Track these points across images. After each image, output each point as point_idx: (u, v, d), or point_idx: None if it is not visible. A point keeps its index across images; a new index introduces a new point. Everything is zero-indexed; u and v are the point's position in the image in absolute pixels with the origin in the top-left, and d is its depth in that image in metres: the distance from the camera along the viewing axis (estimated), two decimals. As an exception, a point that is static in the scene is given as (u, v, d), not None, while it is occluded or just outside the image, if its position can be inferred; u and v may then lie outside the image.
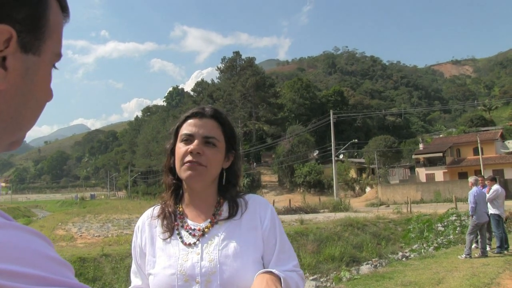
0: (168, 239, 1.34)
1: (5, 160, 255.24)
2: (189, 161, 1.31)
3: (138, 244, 1.41)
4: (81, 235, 18.33)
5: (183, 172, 1.33)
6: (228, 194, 1.41)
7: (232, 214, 1.37)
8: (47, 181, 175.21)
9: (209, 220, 1.36)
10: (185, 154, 1.32)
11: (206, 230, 1.34)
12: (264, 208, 1.41)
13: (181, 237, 1.34)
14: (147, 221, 1.42)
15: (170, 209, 1.39)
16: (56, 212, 45.17)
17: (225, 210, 1.38)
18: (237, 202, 1.40)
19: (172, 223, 1.36)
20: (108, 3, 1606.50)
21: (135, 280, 1.42)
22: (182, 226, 1.36)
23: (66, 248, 14.11)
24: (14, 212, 52.45)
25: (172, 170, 1.41)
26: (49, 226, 22.88)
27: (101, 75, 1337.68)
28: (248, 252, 1.31)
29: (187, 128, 1.37)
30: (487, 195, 9.80)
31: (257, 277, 1.22)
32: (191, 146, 1.32)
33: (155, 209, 1.44)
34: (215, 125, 1.38)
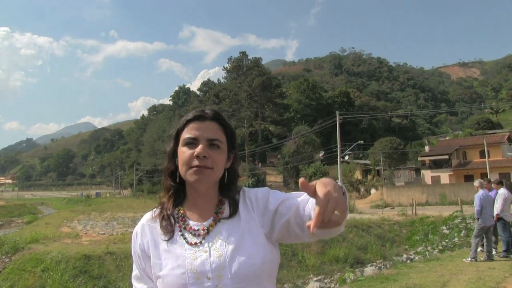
0: (172, 241, 1.35)
1: (12, 157, 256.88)
2: (196, 165, 1.32)
3: (140, 248, 1.40)
4: (86, 233, 18.46)
5: (190, 176, 1.33)
6: (230, 193, 1.42)
7: (233, 213, 1.38)
8: (53, 179, 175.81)
9: (212, 218, 1.37)
10: (190, 158, 1.33)
11: (210, 228, 1.35)
12: (254, 197, 1.41)
13: (185, 238, 1.34)
14: (147, 225, 1.42)
15: (169, 212, 1.39)
16: (61, 210, 45.49)
17: (226, 208, 1.40)
18: (236, 200, 1.41)
19: (171, 225, 1.37)
20: (118, 4, 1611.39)
21: (138, 285, 1.42)
22: (185, 228, 1.37)
23: (71, 246, 14.19)
24: (21, 209, 52.80)
25: (173, 174, 1.42)
26: (54, 223, 23.03)
27: (110, 74, 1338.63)
28: (253, 242, 1.32)
29: (190, 131, 1.36)
30: (496, 204, 9.69)
31: (322, 179, 1.08)
32: (197, 150, 1.32)
33: (155, 212, 1.44)
34: (217, 127, 1.39)
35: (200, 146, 1.33)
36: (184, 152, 1.35)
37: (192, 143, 1.35)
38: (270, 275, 1.34)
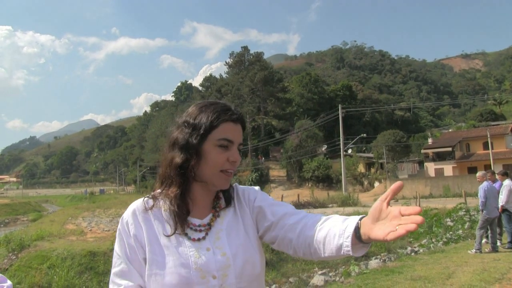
0: (173, 237, 1.29)
1: (16, 155, 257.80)
2: (228, 169, 1.32)
3: (134, 240, 1.30)
4: (91, 230, 18.55)
5: (218, 179, 1.32)
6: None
7: (227, 203, 1.40)
8: (57, 176, 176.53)
9: (211, 213, 1.36)
10: (224, 162, 1.30)
11: (212, 223, 1.34)
12: (247, 194, 1.43)
13: (186, 234, 1.29)
14: (141, 215, 1.33)
15: (175, 206, 1.31)
16: (66, 207, 45.61)
17: (223, 201, 1.41)
18: (230, 192, 1.42)
19: (175, 220, 1.30)
20: (119, 1, 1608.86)
21: (123, 282, 1.27)
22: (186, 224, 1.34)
23: (77, 242, 14.26)
24: (25, 207, 53.07)
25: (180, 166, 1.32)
26: (59, 221, 23.11)
27: (112, 71, 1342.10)
28: (252, 239, 1.35)
29: (227, 133, 1.31)
30: (501, 196, 9.66)
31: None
32: (234, 155, 1.31)
33: (148, 203, 1.35)
34: (241, 131, 1.37)
35: (236, 152, 1.33)
36: (217, 154, 1.30)
37: (226, 145, 1.30)
38: (264, 274, 1.37)
